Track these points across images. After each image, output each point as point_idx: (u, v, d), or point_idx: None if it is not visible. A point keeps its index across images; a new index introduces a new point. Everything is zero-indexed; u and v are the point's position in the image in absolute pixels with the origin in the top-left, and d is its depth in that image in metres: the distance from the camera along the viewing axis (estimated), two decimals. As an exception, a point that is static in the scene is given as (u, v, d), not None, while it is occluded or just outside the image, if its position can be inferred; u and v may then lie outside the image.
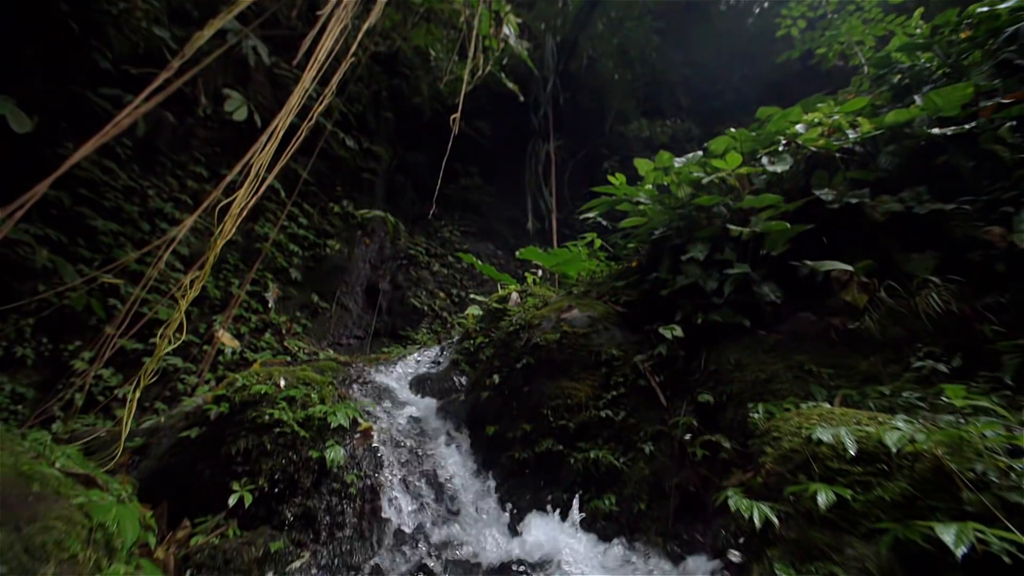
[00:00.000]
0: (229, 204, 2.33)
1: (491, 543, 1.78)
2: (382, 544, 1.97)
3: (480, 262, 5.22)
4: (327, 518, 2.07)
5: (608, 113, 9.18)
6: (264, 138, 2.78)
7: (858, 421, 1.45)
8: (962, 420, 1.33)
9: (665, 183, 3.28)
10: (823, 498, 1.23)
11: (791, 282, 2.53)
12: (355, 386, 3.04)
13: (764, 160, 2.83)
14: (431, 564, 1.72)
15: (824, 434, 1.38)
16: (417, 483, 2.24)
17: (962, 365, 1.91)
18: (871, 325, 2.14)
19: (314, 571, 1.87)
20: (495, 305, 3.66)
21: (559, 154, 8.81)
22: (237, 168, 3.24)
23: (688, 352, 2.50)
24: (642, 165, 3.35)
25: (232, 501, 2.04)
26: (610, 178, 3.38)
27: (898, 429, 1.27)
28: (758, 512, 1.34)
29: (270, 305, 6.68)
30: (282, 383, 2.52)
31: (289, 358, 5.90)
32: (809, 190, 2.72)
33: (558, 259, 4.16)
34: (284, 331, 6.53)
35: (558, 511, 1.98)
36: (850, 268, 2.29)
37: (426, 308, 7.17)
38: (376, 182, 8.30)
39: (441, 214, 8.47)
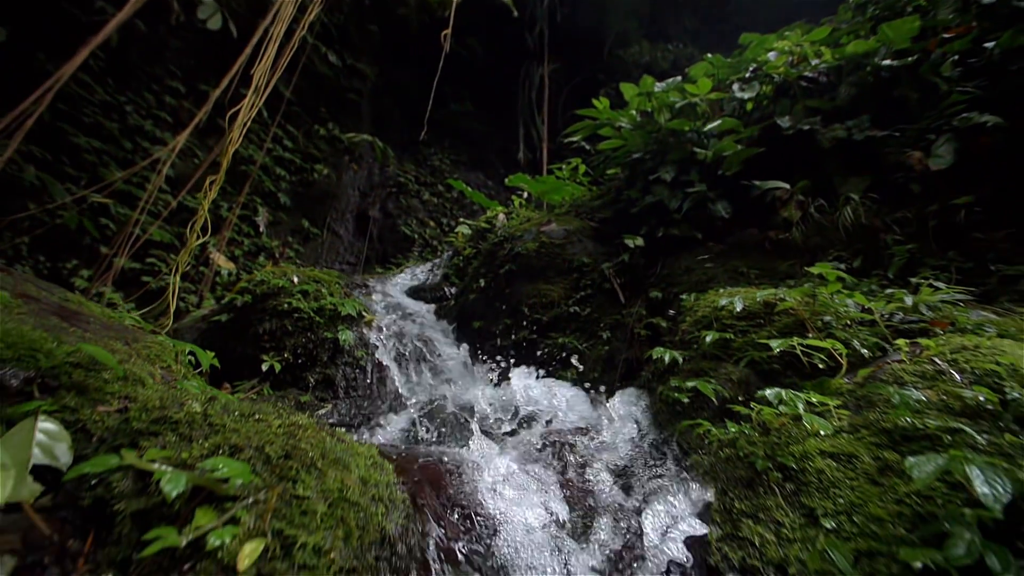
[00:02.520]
0: (237, 111, 2.61)
1: (479, 393, 2.38)
2: (388, 401, 2.58)
3: (469, 189, 5.54)
4: (343, 383, 2.65)
5: (608, 34, 8.91)
6: (258, 45, 2.96)
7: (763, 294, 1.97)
8: (831, 295, 1.85)
9: (648, 109, 3.57)
10: (710, 338, 1.78)
11: (744, 201, 2.97)
12: (357, 291, 3.53)
13: (735, 87, 3.12)
14: (432, 405, 2.32)
15: (723, 300, 1.91)
16: (416, 359, 2.82)
17: (861, 265, 2.43)
18: (797, 236, 2.63)
19: (336, 417, 2.47)
20: (483, 225, 4.07)
21: (554, 79, 8.69)
22: (224, 82, 3.42)
23: (647, 260, 3.00)
24: (627, 89, 3.60)
25: (264, 368, 2.59)
26: (595, 102, 3.64)
27: (773, 291, 1.80)
28: (669, 355, 1.90)
29: (261, 229, 7.00)
30: (295, 279, 2.98)
31: (286, 280, 6.35)
32: (773, 116, 3.06)
33: (545, 186, 4.50)
34: (277, 255, 6.92)
35: (532, 377, 2.58)
36: (788, 187, 2.73)
37: (416, 236, 7.55)
38: (362, 104, 8.22)
39: (431, 141, 8.52)
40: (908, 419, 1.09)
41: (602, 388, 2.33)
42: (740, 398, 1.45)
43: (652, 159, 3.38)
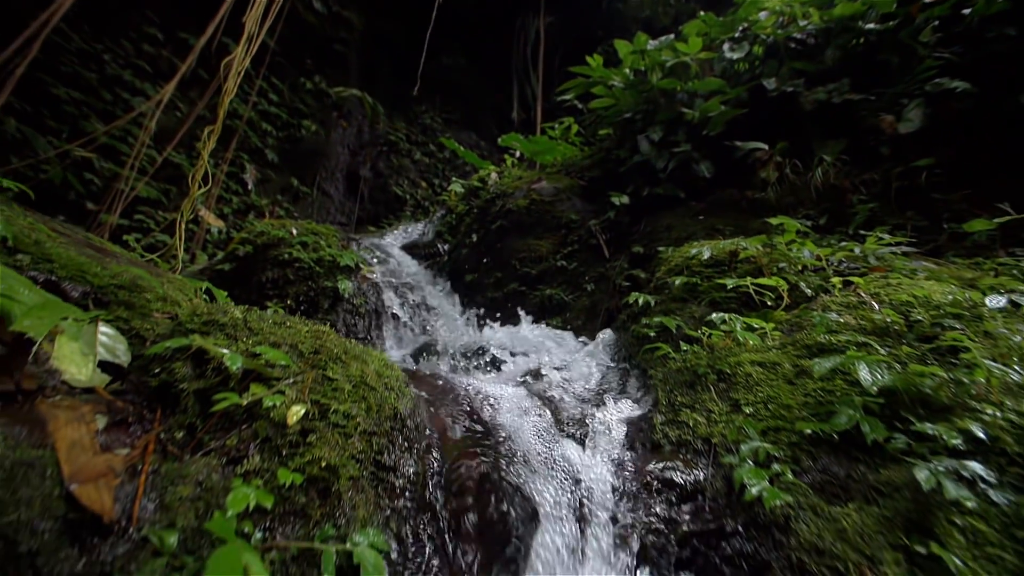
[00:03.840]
0: (231, 60, 2.70)
1: (469, 338, 2.64)
2: (385, 346, 2.83)
3: (462, 149, 5.61)
4: (343, 329, 2.90)
5: (608, -15, 8.68)
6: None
7: (727, 244, 2.22)
8: (787, 244, 2.10)
9: (641, 67, 3.67)
10: (678, 281, 2.03)
11: (727, 161, 3.16)
12: (353, 245, 3.72)
13: (725, 47, 3.24)
14: (427, 349, 2.59)
15: (694, 249, 2.16)
16: (411, 308, 3.06)
17: (827, 223, 2.68)
18: (771, 195, 2.86)
19: (338, 358, 2.72)
20: (475, 183, 4.23)
21: (550, 33, 8.53)
22: (210, 30, 3.44)
23: (632, 218, 3.22)
24: (622, 47, 3.69)
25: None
26: (588, 59, 3.72)
27: (735, 240, 2.05)
28: (643, 299, 2.16)
29: (249, 187, 7.03)
30: (294, 231, 3.16)
31: (277, 238, 6.47)
32: (760, 77, 3.21)
33: (537, 147, 4.62)
34: (267, 213, 7.00)
35: (520, 324, 2.84)
36: (767, 148, 2.93)
37: (408, 197, 7.63)
38: (349, 56, 8.04)
39: (422, 98, 8.43)
40: (825, 336, 1.36)
41: (584, 333, 2.61)
42: (698, 330, 1.72)
43: (642, 119, 3.53)
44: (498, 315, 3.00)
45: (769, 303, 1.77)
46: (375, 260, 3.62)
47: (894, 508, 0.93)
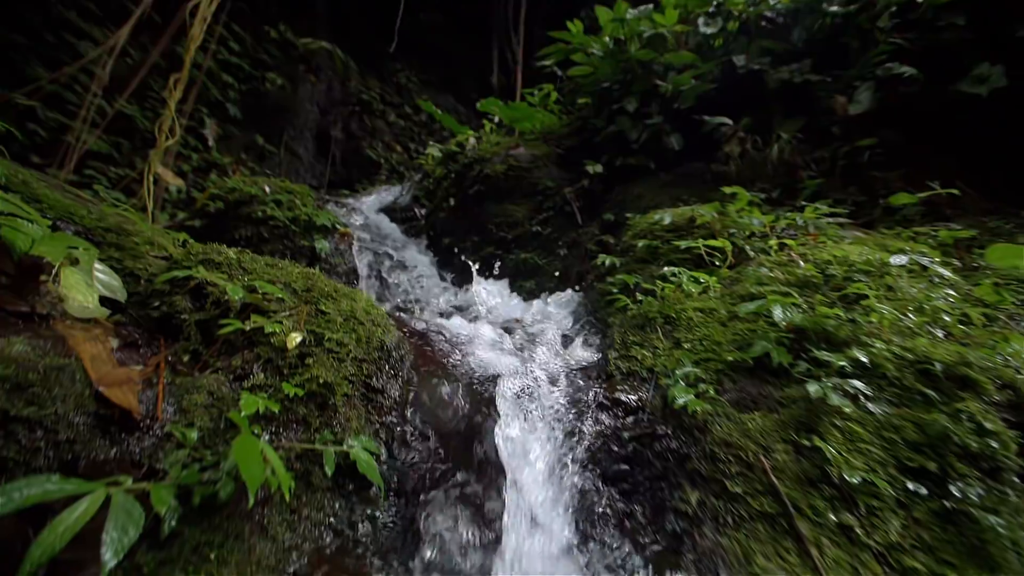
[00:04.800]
0: (196, 5, 2.63)
1: (446, 297, 2.80)
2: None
3: (439, 112, 5.58)
4: (321, 286, 2.99)
5: (592, -54, 8.50)
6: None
7: (686, 211, 2.43)
8: (737, 212, 2.33)
9: (621, 36, 3.75)
10: (641, 244, 2.24)
11: (696, 134, 3.36)
12: (329, 206, 3.75)
13: (700, 20, 3.38)
14: (408, 305, 2.73)
15: (657, 215, 2.36)
16: (389, 269, 3.18)
17: (779, 196, 2.94)
18: (733, 169, 3.09)
19: (316, 315, 2.83)
20: (453, 148, 4.28)
21: (532, -6, 8.35)
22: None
23: (605, 186, 3.40)
24: (602, 14, 3.75)
25: (245, 269, 2.87)
26: (568, 24, 3.78)
27: (693, 208, 2.26)
28: (609, 260, 2.37)
29: (210, 143, 6.75)
30: (267, 189, 3.18)
31: (243, 199, 6.31)
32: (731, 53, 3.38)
33: (516, 113, 4.67)
34: (231, 172, 6.77)
35: (496, 285, 3.01)
36: (732, 123, 3.13)
37: (383, 161, 7.53)
38: (317, 4, 7.66)
39: (398, 56, 8.17)
40: (755, 287, 1.60)
41: (556, 294, 2.82)
42: (655, 284, 1.94)
43: (619, 89, 3.65)
44: (475, 277, 3.16)
45: (717, 262, 2.00)
46: (351, 222, 3.68)
47: (790, 415, 1.19)
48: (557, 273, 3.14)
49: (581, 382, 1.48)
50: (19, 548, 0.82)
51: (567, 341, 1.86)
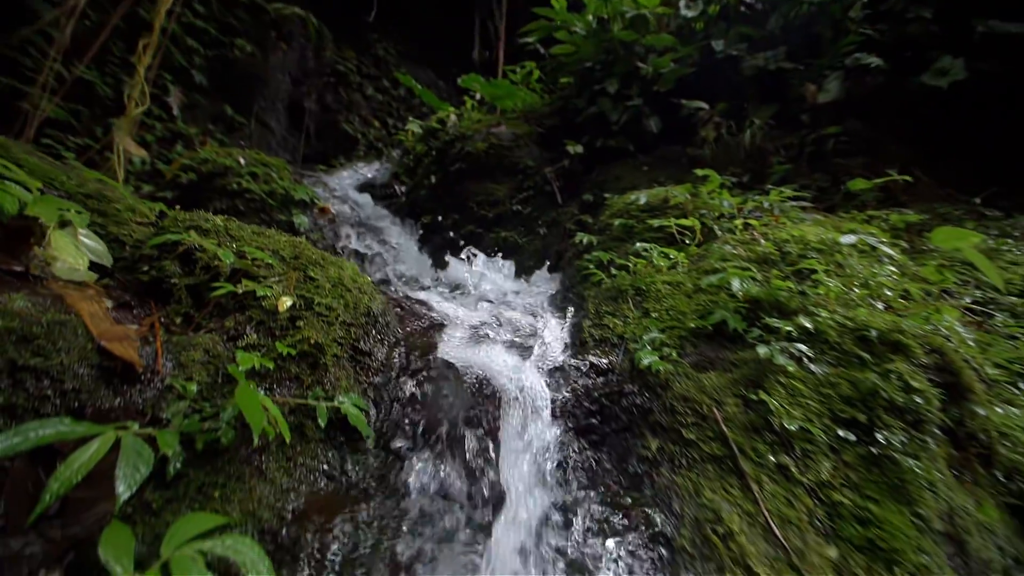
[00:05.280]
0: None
1: (428, 274, 2.88)
2: (345, 279, 3.01)
3: (419, 87, 5.53)
4: (300, 261, 3.01)
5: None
6: None
7: (661, 192, 2.56)
8: (708, 193, 2.47)
9: (604, 15, 3.81)
10: (618, 222, 2.37)
11: (674, 118, 3.48)
12: (306, 181, 3.73)
13: (681, 3, 3.47)
14: (388, 283, 2.79)
15: (633, 196, 2.49)
16: (370, 246, 3.22)
17: (749, 180, 3.12)
18: (708, 153, 3.24)
19: (296, 290, 2.86)
20: (434, 124, 4.28)
21: (516, -34, 8.22)
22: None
23: (585, 167, 3.50)
24: (586, -9, 3.78)
25: (221, 243, 2.87)
26: (552, 0, 3.80)
27: (667, 189, 2.40)
28: (587, 238, 2.49)
29: (175, 112, 6.49)
30: (242, 161, 3.14)
31: (212, 172, 6.13)
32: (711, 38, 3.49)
33: (498, 90, 4.68)
34: (198, 144, 6.54)
35: (477, 262, 3.10)
36: (708, 108, 3.27)
37: (360, 136, 7.40)
38: (289, -33, 7.34)
39: (375, 25, 7.96)
40: (718, 263, 1.75)
41: (535, 272, 2.93)
42: (628, 260, 2.08)
43: (601, 70, 3.72)
44: (456, 254, 3.23)
45: (687, 240, 2.15)
46: (330, 197, 3.68)
47: (741, 374, 1.34)
48: (537, 252, 3.25)
49: (557, 349, 1.61)
50: (30, 487, 0.89)
51: (545, 314, 1.98)
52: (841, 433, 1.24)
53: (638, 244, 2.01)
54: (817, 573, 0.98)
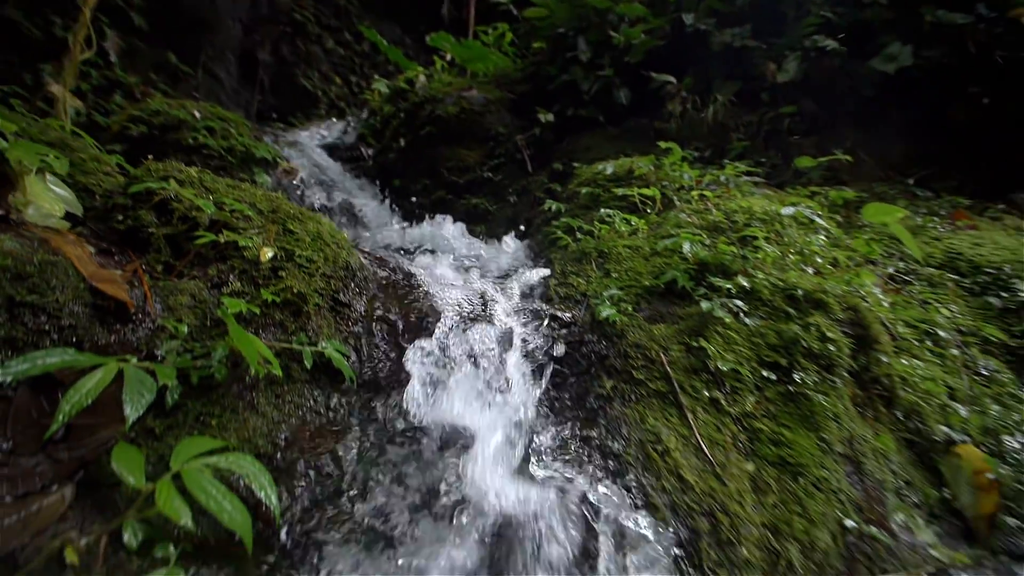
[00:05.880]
0: None
1: (398, 238, 2.96)
2: (312, 242, 3.03)
3: (385, 43, 5.37)
4: (264, 223, 3.01)
5: None
6: None
7: (626, 163, 2.73)
8: (670, 165, 2.66)
9: (578, -21, 3.84)
10: (585, 191, 2.53)
11: (643, 90, 3.63)
12: (266, 139, 3.65)
13: (655, -27, 3.56)
14: (360, 245, 2.85)
15: (600, 166, 2.65)
16: (337, 208, 3.24)
17: (711, 155, 3.34)
18: (674, 127, 3.43)
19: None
20: (402, 85, 4.24)
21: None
22: None
23: (556, 136, 3.62)
24: (560, -48, 3.79)
25: (178, 200, 2.82)
26: (526, -40, 3.79)
27: (632, 159, 2.57)
28: (555, 206, 2.64)
29: (112, 59, 6.01)
30: (197, 114, 3.05)
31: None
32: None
33: (470, 52, 4.64)
34: (138, 94, 6.12)
35: (447, 227, 3.20)
36: (676, 82, 3.44)
37: (320, 93, 7.13)
38: (237, -103, 6.79)
39: (334, -29, 7.54)
40: (673, 229, 1.95)
41: (505, 238, 3.07)
42: (593, 225, 2.25)
43: (574, 36, 3.79)
44: (426, 219, 3.31)
45: (648, 209, 2.35)
46: (291, 157, 3.63)
47: (686, 325, 1.56)
48: (507, 220, 3.37)
49: (524, 305, 1.78)
50: (34, 414, 0.98)
51: (514, 275, 2.14)
52: (765, 374, 1.49)
53: (603, 211, 2.19)
54: (735, 481, 1.22)
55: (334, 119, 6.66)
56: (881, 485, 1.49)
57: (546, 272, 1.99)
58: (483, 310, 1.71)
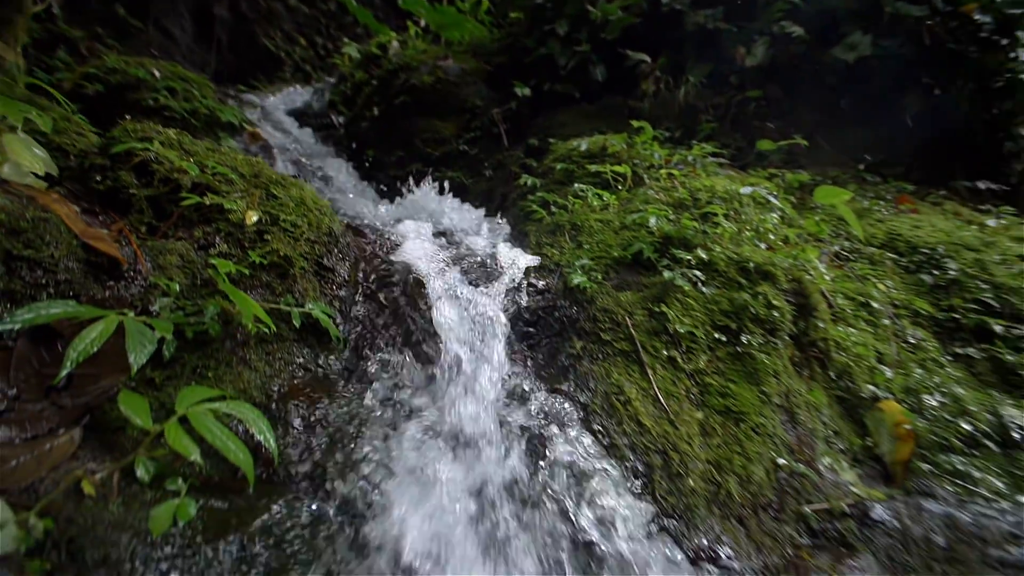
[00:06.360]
0: None
1: (372, 210, 3.00)
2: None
3: (354, 3, 5.22)
4: (232, 191, 2.98)
5: None
6: None
7: (600, 140, 2.86)
8: (641, 144, 2.81)
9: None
10: (560, 166, 2.65)
11: (619, 67, 3.74)
12: (230, 101, 3.56)
13: (633, -52, 3.62)
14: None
15: (575, 142, 2.77)
16: (308, 175, 3.23)
17: (680, 135, 3.52)
18: (647, 106, 3.57)
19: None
20: (374, 50, 4.18)
21: None
22: None
23: (532, 110, 3.69)
24: (539, -80, 3.78)
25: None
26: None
27: (605, 137, 2.71)
28: (531, 181, 2.75)
29: (54, 10, 5.57)
30: (156, 73, 2.95)
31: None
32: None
33: (445, 18, 4.59)
34: (84, 50, 5.71)
35: (423, 200, 3.25)
36: (650, 61, 3.56)
37: (283, 55, 6.84)
38: None
39: (297, -79, 7.15)
40: (641, 204, 2.11)
41: (481, 211, 3.16)
42: (567, 200, 2.38)
43: (552, 8, 3.83)
44: (400, 192, 3.35)
45: (619, 185, 2.50)
46: (257, 122, 3.56)
47: (650, 293, 1.74)
48: (482, 194, 3.46)
49: (500, 273, 1.90)
50: (35, 364, 1.04)
51: (491, 247, 2.26)
52: (717, 336, 1.69)
53: (577, 187, 2.32)
54: (686, 426, 1.41)
55: (299, 85, 6.44)
56: (812, 433, 1.73)
57: (522, 243, 2.11)
58: (459, 280, 1.82)
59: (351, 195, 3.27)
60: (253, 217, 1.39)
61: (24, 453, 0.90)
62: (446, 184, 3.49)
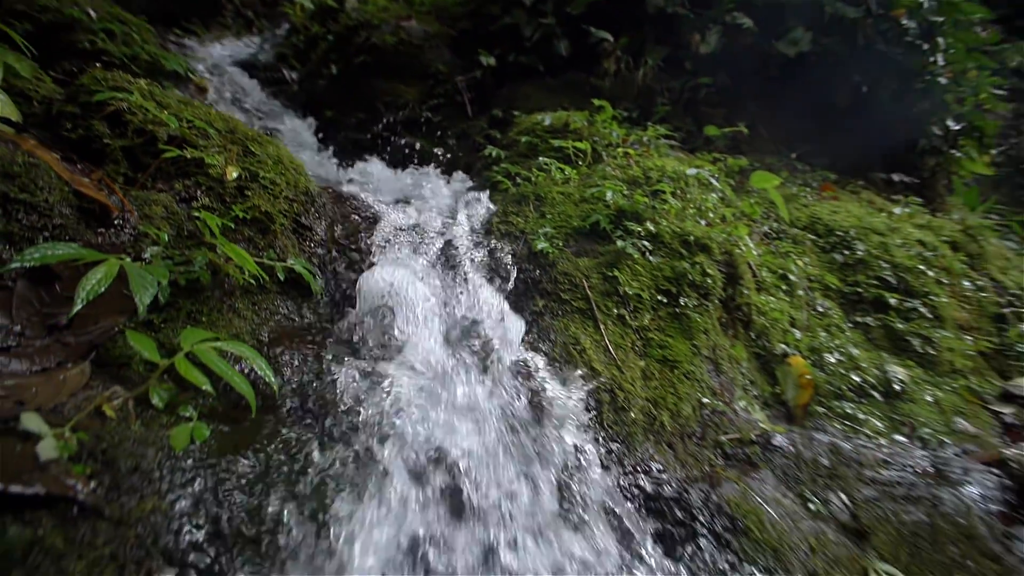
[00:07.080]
0: None
1: (334, 173, 3.04)
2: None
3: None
4: (180, 145, 2.91)
5: None
6: None
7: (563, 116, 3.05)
8: (602, 122, 3.04)
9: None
10: (524, 139, 2.83)
11: (583, 44, 3.91)
12: (170, 47, 3.39)
13: (599, -76, 3.76)
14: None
15: (539, 116, 2.95)
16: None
17: (638, 116, 3.79)
18: (607, 85, 3.79)
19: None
20: (330, 2, 4.07)
21: None
22: None
23: (496, 81, 3.81)
24: None
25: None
26: None
27: (568, 113, 2.91)
28: (496, 152, 2.91)
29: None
30: (92, 13, 2.78)
31: None
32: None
33: (405, -26, 4.52)
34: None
35: (384, 165, 3.32)
36: (612, 40, 3.77)
37: (225, 0, 6.37)
38: None
39: None
40: (599, 180, 2.35)
41: (448, 178, 3.28)
42: (531, 172, 2.58)
43: (517, -23, 3.90)
44: (363, 156, 3.39)
45: (580, 161, 2.72)
46: (207, 76, 3.44)
47: (605, 259, 1.99)
48: (446, 163, 3.57)
49: (468, 239, 2.09)
50: (36, 304, 1.12)
51: (457, 214, 2.42)
52: (660, 298, 1.99)
53: (541, 160, 2.52)
54: (630, 371, 1.70)
55: (242, 32, 6.06)
56: (732, 381, 2.10)
57: (488, 211, 2.30)
58: (429, 243, 1.99)
59: (309, 157, 3.27)
60: (234, 173, 1.47)
61: (40, 382, 1.00)
62: (410, 150, 3.57)
